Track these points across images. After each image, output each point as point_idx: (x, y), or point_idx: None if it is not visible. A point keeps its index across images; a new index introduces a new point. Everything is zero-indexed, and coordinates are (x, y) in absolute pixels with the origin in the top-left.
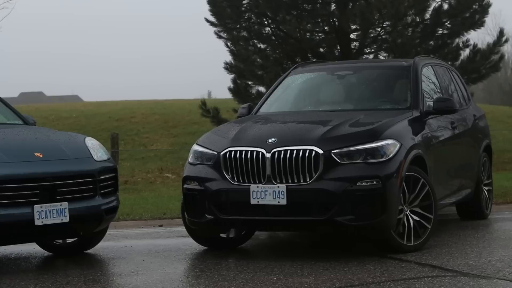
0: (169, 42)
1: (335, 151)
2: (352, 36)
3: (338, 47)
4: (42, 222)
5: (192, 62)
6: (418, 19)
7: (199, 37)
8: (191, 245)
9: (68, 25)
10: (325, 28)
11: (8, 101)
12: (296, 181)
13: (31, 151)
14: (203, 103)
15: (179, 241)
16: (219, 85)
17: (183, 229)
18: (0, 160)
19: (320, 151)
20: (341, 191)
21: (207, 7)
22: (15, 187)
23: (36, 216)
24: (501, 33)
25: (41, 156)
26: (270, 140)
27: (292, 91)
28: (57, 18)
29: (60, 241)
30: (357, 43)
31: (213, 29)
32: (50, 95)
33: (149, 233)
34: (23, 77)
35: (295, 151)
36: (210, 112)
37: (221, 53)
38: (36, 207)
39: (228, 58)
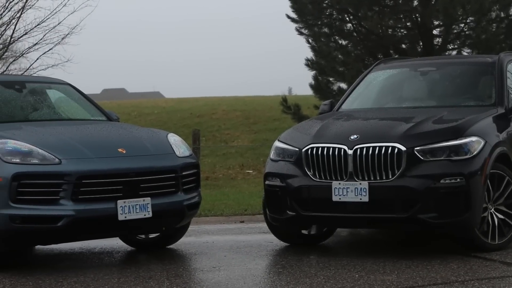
0: (250, 41)
1: (418, 148)
2: (434, 32)
3: (421, 43)
4: (125, 217)
5: (273, 59)
6: (502, 15)
7: (280, 34)
8: (273, 242)
9: (152, 28)
10: (407, 24)
11: (91, 97)
12: (378, 178)
13: (115, 147)
14: (284, 99)
15: (260, 237)
16: (300, 82)
17: (264, 225)
18: (84, 156)
19: (403, 148)
20: (424, 189)
21: (288, 3)
22: (99, 182)
23: (119, 211)
24: None
25: (124, 152)
26: (352, 137)
27: (374, 87)
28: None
29: (143, 236)
30: (440, 39)
31: (294, 25)
32: (132, 92)
33: (231, 229)
34: (105, 74)
35: (377, 148)
36: (291, 108)
37: (302, 49)
38: (120, 203)
39: (309, 54)
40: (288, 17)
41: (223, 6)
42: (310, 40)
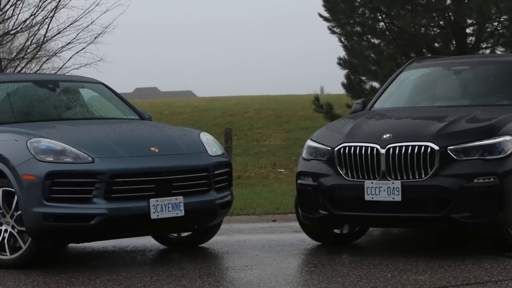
0: (283, 40)
1: (451, 147)
2: (468, 30)
3: (454, 42)
4: (157, 215)
5: (305, 58)
6: None
7: (312, 33)
8: (305, 241)
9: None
10: (440, 22)
11: (123, 96)
12: (411, 177)
13: (147, 146)
14: (316, 98)
15: (292, 236)
16: (332, 81)
17: (296, 224)
18: (117, 154)
19: (436, 147)
20: (457, 188)
21: (320, 2)
22: (132, 181)
23: (152, 209)
24: None
25: (157, 150)
26: (385, 136)
27: (407, 86)
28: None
29: (175, 234)
30: (473, 38)
31: (326, 24)
32: (164, 91)
33: (263, 228)
34: (138, 73)
35: (410, 147)
36: (323, 107)
37: (334, 48)
38: (152, 201)
39: (342, 53)
40: (321, 16)
41: (255, 6)
42: (342, 39)
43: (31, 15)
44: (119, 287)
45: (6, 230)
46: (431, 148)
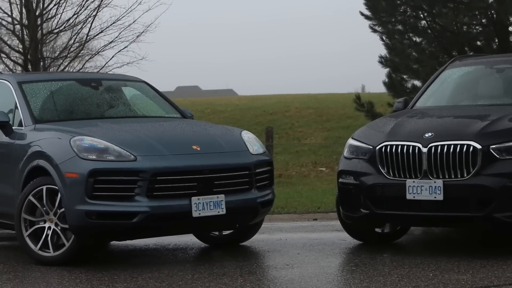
0: (323, 38)
1: (493, 146)
2: (510, 28)
3: (496, 40)
4: (199, 214)
5: (345, 56)
6: None
7: (353, 31)
8: (346, 239)
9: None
10: (483, 20)
11: (165, 95)
12: (453, 176)
13: (189, 144)
14: (357, 97)
15: (333, 235)
16: (373, 79)
17: (337, 223)
18: (159, 152)
19: (478, 146)
20: (500, 187)
21: (362, 1)
22: (174, 179)
23: (193, 208)
24: None
25: (198, 149)
26: (426, 135)
27: (449, 85)
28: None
29: (217, 233)
30: None
31: (368, 22)
32: (205, 89)
33: (304, 226)
34: (179, 71)
35: (452, 146)
36: (364, 106)
37: (375, 47)
38: (194, 199)
39: (383, 51)
40: (362, 14)
41: (297, 5)
42: (384, 37)
43: (74, 14)
44: (161, 285)
45: (49, 228)
46: (474, 147)
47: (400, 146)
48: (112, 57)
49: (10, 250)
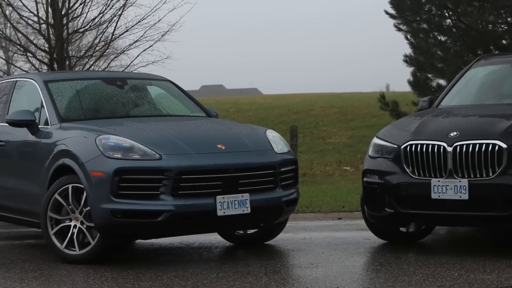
0: (347, 37)
1: None
2: None
3: None
4: (224, 212)
5: (370, 55)
6: None
7: (377, 29)
8: (370, 239)
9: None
10: (508, 19)
11: (190, 94)
12: (478, 176)
13: (214, 143)
14: (382, 96)
15: (358, 234)
16: (397, 78)
17: (362, 222)
18: (184, 151)
19: (504, 146)
20: None
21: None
22: (199, 178)
23: (218, 206)
24: None
25: (223, 148)
26: (452, 134)
27: (474, 84)
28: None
29: (241, 231)
30: None
31: (392, 21)
32: (230, 88)
33: (328, 225)
34: (204, 70)
35: (477, 145)
36: (389, 105)
37: (400, 45)
38: (219, 198)
39: (408, 50)
40: (387, 13)
41: (320, 4)
42: (408, 36)
43: (99, 13)
44: (185, 283)
45: (75, 226)
46: (499, 146)
47: (425, 145)
48: (137, 56)
49: (36, 248)
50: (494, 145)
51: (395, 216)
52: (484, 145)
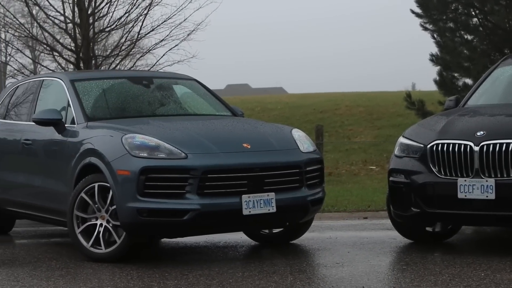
0: (372, 36)
1: None
2: None
3: None
4: (249, 212)
5: (396, 54)
6: None
7: (402, 28)
8: (396, 238)
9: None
10: None
11: (215, 93)
12: (505, 175)
13: (240, 142)
14: (408, 95)
15: (384, 233)
16: (423, 77)
17: (388, 221)
18: (210, 150)
19: None
20: None
21: None
22: (225, 177)
23: (244, 206)
24: None
25: (249, 147)
26: (478, 133)
27: (501, 83)
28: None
29: (267, 231)
30: None
31: (418, 20)
32: (255, 87)
33: (354, 225)
34: (229, 69)
35: (504, 145)
36: (415, 104)
37: (426, 44)
38: (244, 197)
39: (434, 49)
40: (413, 12)
41: (345, 2)
42: (435, 35)
43: (125, 13)
44: (211, 282)
45: (101, 225)
46: None
47: (451, 145)
48: (163, 55)
49: (62, 247)
50: None
51: (421, 215)
52: (511, 144)
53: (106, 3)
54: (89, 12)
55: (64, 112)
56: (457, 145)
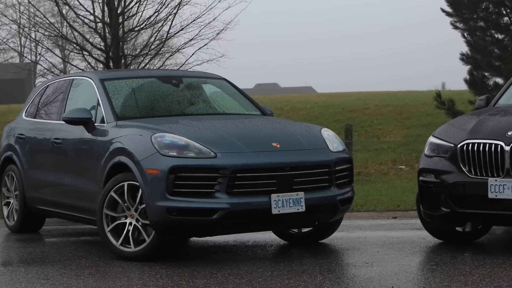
0: (403, 35)
1: None
2: None
3: None
4: (278, 211)
5: (425, 53)
6: None
7: (432, 27)
8: (425, 238)
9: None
10: None
11: (244, 92)
12: None
13: (269, 141)
14: (437, 94)
15: (413, 233)
16: (453, 76)
17: (417, 221)
18: (239, 149)
19: None
20: None
21: None
22: (254, 176)
23: (273, 205)
24: None
25: (278, 146)
26: (509, 133)
27: None
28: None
29: (296, 230)
30: None
31: (448, 19)
32: (284, 86)
33: (383, 224)
34: (258, 69)
35: None
36: (445, 104)
37: (456, 43)
38: (273, 196)
39: (464, 49)
40: (443, 11)
41: (374, 1)
42: (465, 34)
43: (155, 12)
44: (240, 281)
45: (130, 223)
46: None
47: (482, 144)
48: (192, 54)
49: (92, 245)
50: None
51: (451, 215)
52: None
53: (136, 3)
54: (118, 11)
55: (94, 111)
56: (487, 144)
